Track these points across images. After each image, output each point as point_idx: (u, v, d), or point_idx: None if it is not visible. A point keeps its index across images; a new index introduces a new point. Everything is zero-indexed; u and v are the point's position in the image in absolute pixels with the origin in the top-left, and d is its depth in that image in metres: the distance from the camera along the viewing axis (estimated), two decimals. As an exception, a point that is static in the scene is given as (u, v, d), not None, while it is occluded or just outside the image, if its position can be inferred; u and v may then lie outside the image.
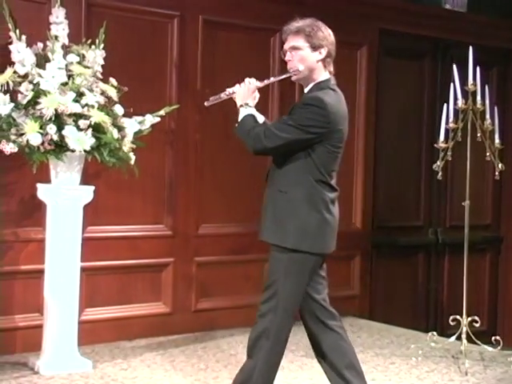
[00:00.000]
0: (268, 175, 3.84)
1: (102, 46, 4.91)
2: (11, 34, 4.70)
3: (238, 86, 3.92)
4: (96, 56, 4.87)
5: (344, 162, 6.50)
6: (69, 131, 4.57)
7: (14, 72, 4.66)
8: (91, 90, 4.75)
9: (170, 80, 5.67)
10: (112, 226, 5.47)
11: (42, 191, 4.84)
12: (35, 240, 5.11)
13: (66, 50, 4.80)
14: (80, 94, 4.68)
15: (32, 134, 4.53)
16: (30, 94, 4.62)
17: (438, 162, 5.32)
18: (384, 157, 7.01)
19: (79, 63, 4.78)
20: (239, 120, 3.82)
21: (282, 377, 4.76)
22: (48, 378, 4.63)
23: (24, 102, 4.62)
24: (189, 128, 5.76)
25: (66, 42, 4.84)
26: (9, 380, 4.57)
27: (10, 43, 4.72)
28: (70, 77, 4.72)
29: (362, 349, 5.52)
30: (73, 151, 4.63)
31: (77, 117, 4.63)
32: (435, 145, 5.39)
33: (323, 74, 3.81)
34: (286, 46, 3.84)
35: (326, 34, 3.87)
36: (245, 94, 3.86)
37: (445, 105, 5.32)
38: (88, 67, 4.81)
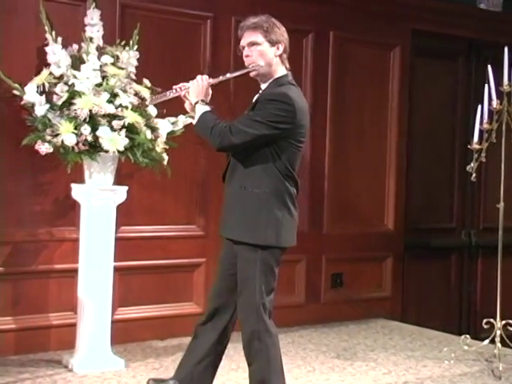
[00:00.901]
0: (226, 174, 3.85)
1: (135, 47, 4.97)
2: (47, 36, 4.78)
3: (188, 83, 3.91)
4: (130, 57, 4.93)
5: (376, 162, 6.65)
6: (103, 132, 4.61)
7: (50, 73, 4.73)
8: (125, 91, 4.79)
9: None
10: (145, 226, 5.52)
11: (76, 191, 4.89)
12: (69, 239, 5.18)
13: (101, 51, 4.86)
14: (114, 95, 4.72)
15: (67, 135, 4.57)
16: (65, 95, 4.67)
17: (472, 164, 5.27)
18: (417, 158, 7.00)
19: (113, 64, 4.84)
20: (198, 117, 3.81)
21: (313, 378, 4.83)
22: (81, 376, 4.69)
23: (59, 102, 4.68)
24: None
25: (101, 43, 4.90)
26: (44, 377, 4.64)
27: (46, 45, 4.79)
28: (104, 78, 4.77)
29: (393, 351, 5.54)
30: (106, 152, 4.66)
31: (111, 117, 4.67)
32: (469, 146, 5.35)
33: (281, 70, 3.86)
34: (243, 42, 3.85)
35: (282, 30, 3.91)
36: (199, 91, 3.86)
37: (479, 105, 5.28)
38: (122, 68, 4.86)
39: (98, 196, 4.80)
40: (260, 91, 3.89)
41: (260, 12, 5.76)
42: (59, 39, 4.77)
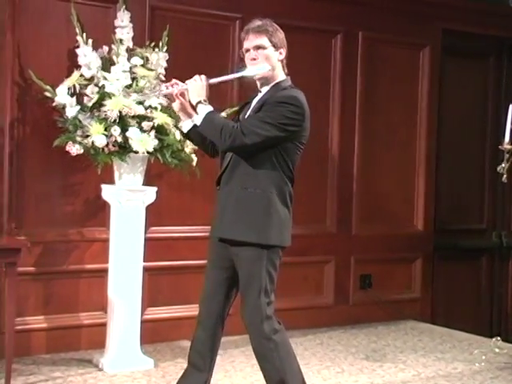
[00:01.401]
0: (223, 176, 3.84)
1: (165, 48, 5.01)
2: (78, 38, 4.84)
3: (183, 83, 3.88)
4: (159, 58, 4.96)
5: (405, 162, 6.65)
6: (132, 133, 4.66)
7: (81, 75, 4.78)
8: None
9: (231, 81, 5.61)
10: (174, 226, 5.56)
11: (106, 192, 4.93)
12: (99, 240, 5.24)
13: (131, 52, 4.90)
14: None
15: (97, 136, 4.62)
16: (96, 97, 4.72)
17: (503, 164, 5.22)
18: (447, 158, 6.99)
19: (143, 66, 4.88)
20: (203, 116, 3.76)
21: (342, 380, 4.84)
22: (111, 375, 4.74)
23: (90, 104, 4.73)
24: None
25: (131, 45, 4.95)
26: (75, 376, 4.70)
27: (77, 47, 4.85)
28: (133, 79, 4.81)
29: (423, 353, 5.54)
30: (136, 152, 4.71)
31: (140, 118, 4.72)
32: (500, 146, 5.32)
33: (281, 74, 3.89)
34: (248, 45, 3.85)
35: (283, 35, 3.95)
36: (199, 91, 3.82)
37: (510, 105, 5.26)
38: (151, 69, 4.90)
39: (128, 197, 4.85)
40: (259, 94, 3.89)
41: (289, 13, 5.90)
42: (90, 41, 4.83)
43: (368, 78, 6.45)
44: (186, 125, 3.93)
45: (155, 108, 4.76)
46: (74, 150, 4.70)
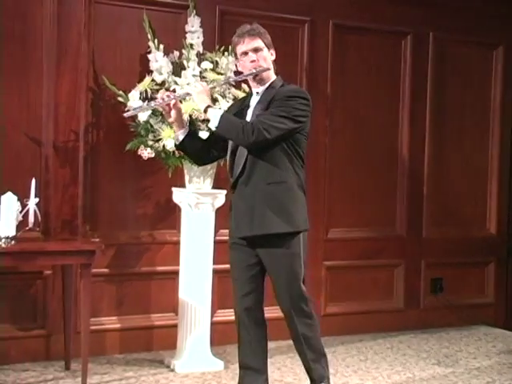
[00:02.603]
0: (240, 177, 3.98)
1: (234, 52, 5.11)
2: (150, 43, 4.96)
3: (174, 93, 4.12)
4: (228, 62, 5.02)
5: (478, 165, 6.61)
6: (203, 136, 4.65)
7: (152, 80, 4.89)
8: (224, 96, 4.91)
9: (299, 84, 5.72)
10: None
11: (177, 195, 5.02)
12: (170, 242, 5.34)
13: (201, 57, 4.99)
14: (213, 100, 4.76)
15: (168, 140, 4.70)
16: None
17: None
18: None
19: (213, 70, 4.95)
20: (219, 118, 3.91)
21: None
22: (182, 376, 4.84)
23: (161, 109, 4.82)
24: (319, 132, 5.77)
25: (201, 49, 5.04)
26: (147, 376, 4.81)
27: (149, 52, 4.97)
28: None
29: (497, 359, 5.49)
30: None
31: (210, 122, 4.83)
32: None
33: (273, 73, 4.10)
34: (246, 48, 4.02)
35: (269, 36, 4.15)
36: (203, 96, 4.04)
37: None
38: (221, 73, 4.97)
39: (198, 200, 4.93)
40: (257, 94, 4.07)
41: (358, 15, 5.95)
42: (161, 46, 4.95)
43: (438, 80, 6.43)
44: (180, 134, 4.10)
45: (225, 111, 4.86)
46: (146, 153, 4.81)
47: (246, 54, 4.04)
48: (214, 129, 3.97)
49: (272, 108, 3.92)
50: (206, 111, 3.99)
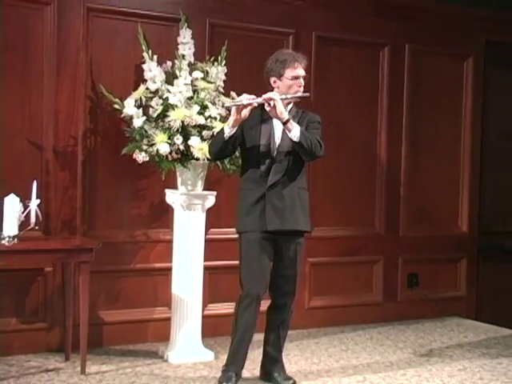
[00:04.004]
0: (281, 179, 4.25)
1: (223, 62, 5.06)
2: (144, 54, 4.92)
3: (266, 95, 4.20)
4: (218, 72, 5.01)
5: (450, 168, 6.62)
6: (194, 141, 4.71)
7: (146, 88, 4.86)
8: (214, 103, 4.88)
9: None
10: (232, 228, 5.48)
11: (170, 196, 4.99)
12: (163, 241, 5.30)
13: (192, 67, 4.96)
14: (204, 107, 4.81)
15: (161, 144, 4.69)
16: (160, 108, 4.79)
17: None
18: (490, 163, 6.90)
19: (203, 79, 4.93)
20: (300, 131, 4.17)
21: (391, 373, 4.83)
22: (176, 366, 4.80)
23: (154, 115, 4.80)
24: None
25: (192, 59, 5.01)
26: (142, 366, 4.78)
27: (143, 63, 4.94)
28: (194, 91, 4.87)
29: (468, 348, 5.49)
30: (197, 160, 4.77)
31: (201, 128, 4.77)
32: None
33: None
34: (299, 73, 4.30)
35: None
36: (283, 108, 4.19)
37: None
38: (211, 82, 4.95)
39: (190, 201, 4.90)
40: (288, 110, 4.30)
41: (339, 27, 5.92)
42: (155, 57, 4.91)
43: (414, 88, 6.42)
44: (233, 130, 4.22)
45: (215, 118, 4.81)
46: (141, 157, 4.79)
47: (297, 78, 4.29)
48: (295, 139, 4.16)
49: (313, 129, 4.31)
50: (287, 122, 4.15)
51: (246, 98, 4.19)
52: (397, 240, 6.40)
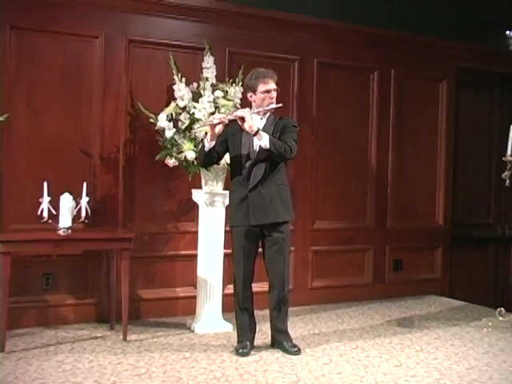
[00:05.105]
0: (261, 180, 4.13)
1: (240, 83, 4.96)
2: (174, 77, 4.86)
3: (237, 112, 4.13)
4: (236, 91, 4.94)
5: (429, 171, 6.55)
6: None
7: (176, 105, 4.80)
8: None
9: (291, 109, 5.67)
10: None
11: (195, 195, 4.93)
12: (190, 232, 5.23)
13: (214, 87, 4.89)
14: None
15: (188, 152, 4.65)
16: (187, 122, 4.74)
17: (506, 172, 5.09)
18: (461, 169, 6.80)
19: (223, 97, 4.86)
20: (268, 140, 4.05)
21: (379, 341, 4.73)
22: (200, 335, 4.74)
23: (183, 127, 4.75)
24: (307, 146, 5.71)
25: (214, 81, 4.93)
26: (173, 335, 4.71)
27: (174, 84, 4.87)
28: (216, 107, 4.80)
29: (443, 321, 5.40)
30: (218, 164, 4.67)
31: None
32: (503, 158, 5.17)
33: None
34: (271, 87, 4.20)
35: None
36: (252, 122, 4.09)
37: (511, 126, 5.09)
38: (230, 100, 4.87)
39: (212, 199, 4.84)
40: (260, 119, 4.21)
41: (337, 55, 5.82)
42: (183, 79, 4.84)
43: (399, 106, 6.31)
44: (212, 143, 4.17)
45: (232, 130, 4.74)
46: (171, 162, 4.75)
47: (268, 91, 4.18)
48: (264, 147, 4.07)
49: (287, 133, 4.16)
50: (257, 132, 4.05)
51: (217, 118, 4.14)
52: (385, 231, 6.28)
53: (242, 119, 4.05)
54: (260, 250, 4.34)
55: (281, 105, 4.21)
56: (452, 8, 6.43)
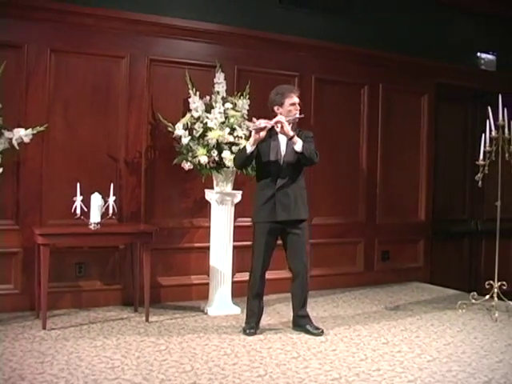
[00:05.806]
0: (286, 181, 4.14)
1: (247, 96, 4.95)
2: (190, 91, 4.83)
3: (277, 118, 4.11)
4: (243, 103, 4.91)
5: (412, 174, 6.51)
6: (226, 154, 4.64)
7: (191, 116, 4.78)
8: (240, 126, 4.78)
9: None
10: None
11: (208, 194, 4.91)
12: (203, 227, 5.20)
13: (224, 100, 4.87)
14: (233, 129, 4.73)
15: (202, 157, 4.63)
16: (201, 130, 4.71)
17: (479, 174, 5.05)
18: (440, 171, 6.75)
19: (232, 109, 4.84)
20: (301, 144, 4.06)
21: (368, 322, 4.69)
22: (213, 317, 4.71)
23: (197, 135, 4.72)
24: None
25: (224, 94, 4.91)
26: (188, 317, 4.69)
27: (189, 97, 4.84)
28: (226, 118, 4.78)
29: (424, 304, 5.37)
30: (228, 168, 4.69)
31: (231, 144, 4.68)
32: (476, 162, 5.12)
33: None
34: (296, 101, 4.19)
35: None
36: (289, 127, 4.11)
37: (483, 134, 5.07)
38: (238, 111, 4.85)
39: (222, 198, 4.81)
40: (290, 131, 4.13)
41: (332, 71, 5.78)
42: (197, 93, 4.82)
43: (386, 116, 6.27)
44: (254, 148, 4.15)
45: (241, 137, 4.72)
46: (187, 166, 4.73)
47: (294, 104, 4.18)
48: (299, 150, 4.07)
49: (309, 142, 4.14)
50: (293, 137, 4.06)
51: (263, 122, 4.09)
52: (374, 226, 6.24)
53: (279, 125, 4.06)
54: (279, 242, 4.30)
55: (303, 115, 4.22)
56: (434, 31, 6.42)
